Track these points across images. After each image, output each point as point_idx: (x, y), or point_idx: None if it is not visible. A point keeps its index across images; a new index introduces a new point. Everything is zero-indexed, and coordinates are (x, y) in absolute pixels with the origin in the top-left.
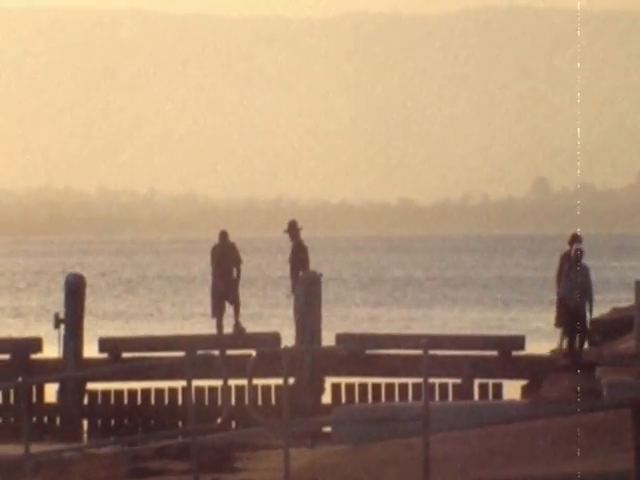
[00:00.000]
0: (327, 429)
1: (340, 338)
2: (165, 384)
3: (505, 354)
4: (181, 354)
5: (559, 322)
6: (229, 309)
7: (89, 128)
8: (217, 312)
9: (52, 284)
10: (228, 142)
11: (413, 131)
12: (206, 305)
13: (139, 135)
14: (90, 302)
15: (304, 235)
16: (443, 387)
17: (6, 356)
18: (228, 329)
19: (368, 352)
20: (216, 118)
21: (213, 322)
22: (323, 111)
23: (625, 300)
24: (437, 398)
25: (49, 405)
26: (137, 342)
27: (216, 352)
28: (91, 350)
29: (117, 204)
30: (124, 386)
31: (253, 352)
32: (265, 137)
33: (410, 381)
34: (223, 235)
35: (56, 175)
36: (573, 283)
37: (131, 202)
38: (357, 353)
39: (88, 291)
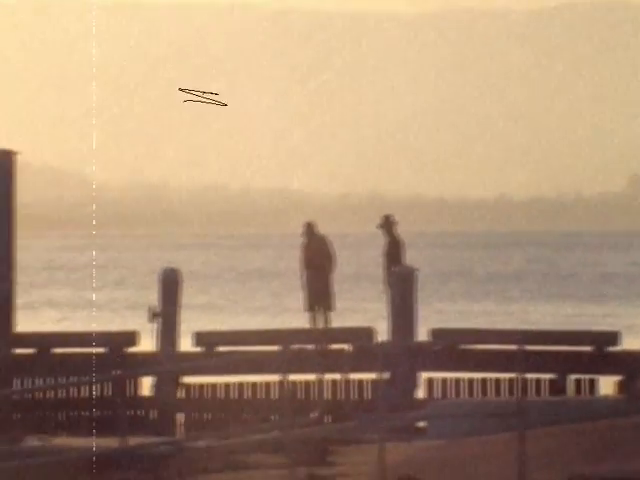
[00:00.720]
0: (422, 424)
1: (434, 333)
2: (260, 378)
3: (600, 350)
4: (276, 348)
5: None
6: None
7: (185, 121)
8: (311, 306)
9: (148, 278)
10: (322, 137)
11: (508, 126)
12: (299, 299)
13: (235, 129)
14: (185, 296)
15: (399, 230)
16: (537, 383)
17: (102, 349)
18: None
19: (462, 347)
20: (311, 112)
21: (306, 316)
22: (418, 106)
23: None
24: (531, 394)
25: (145, 398)
26: (232, 336)
27: (311, 346)
28: (186, 344)
29: (212, 198)
30: (219, 380)
31: (348, 347)
32: (360, 131)
33: (504, 376)
34: (310, 227)
35: (152, 170)
36: None
37: (225, 196)
38: (451, 348)
39: (184, 285)
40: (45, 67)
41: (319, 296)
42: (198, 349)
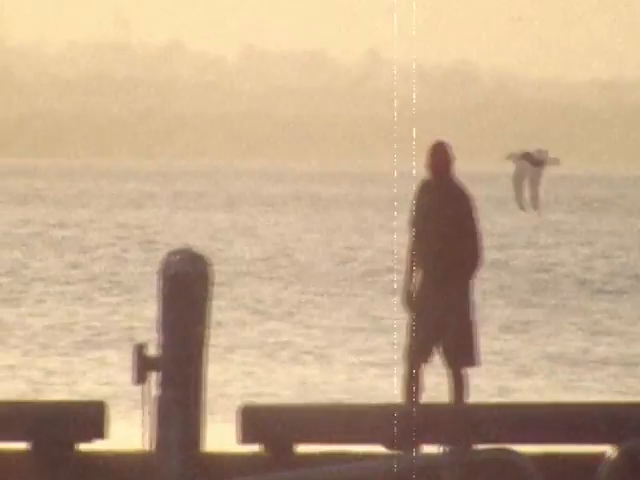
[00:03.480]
0: None
1: None
2: None
3: None
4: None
5: None
6: None
7: None
8: (415, 353)
9: (132, 270)
10: None
11: None
12: None
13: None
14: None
15: None
16: None
17: (26, 445)
18: None
19: None
20: None
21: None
22: None
23: None
24: None
25: None
26: (324, 418)
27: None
28: (225, 432)
29: None
30: None
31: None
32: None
33: None
34: (438, 158)
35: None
36: None
37: None
38: None
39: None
40: None
41: (435, 329)
42: (250, 448)
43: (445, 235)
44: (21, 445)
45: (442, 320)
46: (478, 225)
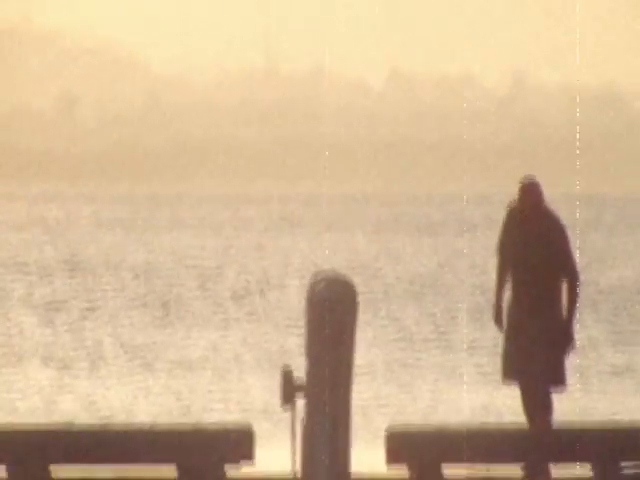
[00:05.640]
0: None
1: None
2: None
3: None
4: None
5: None
6: None
7: None
8: (509, 372)
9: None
10: None
11: None
12: None
13: None
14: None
15: None
16: None
17: (174, 470)
18: None
19: None
20: None
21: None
22: None
23: None
24: None
25: None
26: (476, 436)
27: None
28: (373, 455)
29: None
30: None
31: None
32: None
33: None
34: (529, 191)
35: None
36: None
37: None
38: None
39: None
40: None
41: (527, 353)
42: (397, 471)
43: (536, 268)
44: (169, 470)
45: (534, 345)
46: (571, 253)
